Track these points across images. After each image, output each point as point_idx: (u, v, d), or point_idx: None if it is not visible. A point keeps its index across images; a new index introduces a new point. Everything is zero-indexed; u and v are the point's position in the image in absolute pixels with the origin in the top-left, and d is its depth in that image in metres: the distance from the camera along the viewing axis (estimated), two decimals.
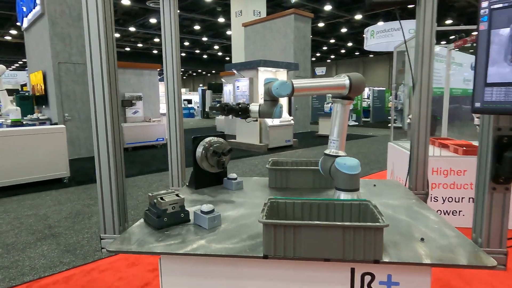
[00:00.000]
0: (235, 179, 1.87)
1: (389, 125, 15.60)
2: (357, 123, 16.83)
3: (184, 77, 45.73)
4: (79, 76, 7.77)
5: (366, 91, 20.72)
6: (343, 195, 1.47)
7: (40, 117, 8.14)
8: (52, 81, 7.45)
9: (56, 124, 6.98)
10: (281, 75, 9.33)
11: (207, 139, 1.84)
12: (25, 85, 16.02)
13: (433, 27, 1.72)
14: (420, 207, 1.51)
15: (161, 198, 1.32)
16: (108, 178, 1.26)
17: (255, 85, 8.69)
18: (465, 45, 3.71)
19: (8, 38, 22.45)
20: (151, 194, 1.38)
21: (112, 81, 1.25)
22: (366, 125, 16.57)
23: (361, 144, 9.91)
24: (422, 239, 1.15)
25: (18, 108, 5.55)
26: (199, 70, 40.65)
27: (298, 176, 1.84)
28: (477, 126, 3.50)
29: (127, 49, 28.52)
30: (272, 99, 1.55)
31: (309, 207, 1.27)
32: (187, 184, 1.93)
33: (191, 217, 1.38)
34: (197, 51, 31.43)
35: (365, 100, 19.70)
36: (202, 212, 1.32)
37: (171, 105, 1.95)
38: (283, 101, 9.42)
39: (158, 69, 10.07)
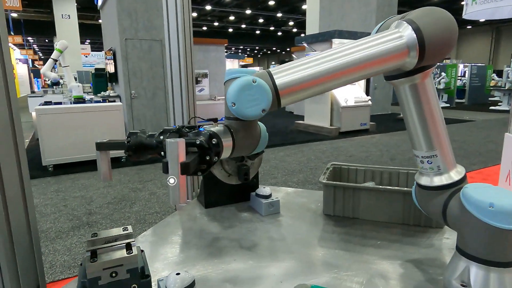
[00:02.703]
0: (269, 196, 1.16)
1: (492, 108, 13.18)
2: (448, 105, 14.55)
3: (259, 56, 45.36)
4: (145, 52, 7.64)
5: (461, 68, 17.87)
6: (477, 271, 0.67)
7: (111, 94, 8.31)
8: (120, 58, 7.43)
9: (114, 101, 6.94)
10: None
11: None
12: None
13: None
14: None
15: (93, 254, 0.68)
16: None
17: None
18: None
19: (101, 21, 24.25)
20: (91, 237, 0.75)
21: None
22: (460, 107, 14.21)
23: (455, 130, 8.29)
24: None
25: (80, 84, 5.51)
26: (274, 48, 39.79)
27: (376, 200, 1.06)
28: None
29: (204, 28, 28.88)
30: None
31: None
32: (198, 197, 1.28)
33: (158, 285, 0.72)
34: (272, 28, 30.55)
35: (460, 78, 16.98)
36: None
37: (176, 83, 1.30)
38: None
39: (225, 44, 9.60)
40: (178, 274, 0.66)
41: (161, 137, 0.75)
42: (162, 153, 0.74)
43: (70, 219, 3.23)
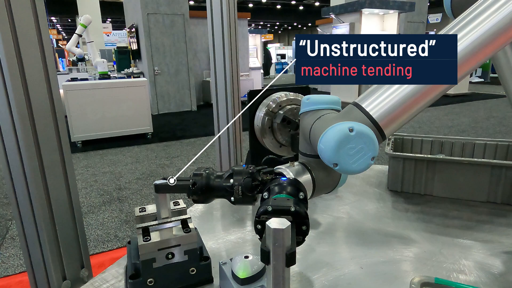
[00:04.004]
0: None
1: None
2: (482, 80, 13.76)
3: (280, 32, 44.25)
4: (167, 27, 7.49)
5: None
6: None
7: (134, 71, 8.27)
8: (143, 33, 7.32)
9: (138, 77, 6.89)
10: (391, 19, 7.65)
11: (275, 96, 1.01)
12: None
13: None
14: None
15: (145, 232, 0.58)
16: (26, 194, 0.55)
17: (357, 32, 7.29)
18: None
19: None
20: (140, 212, 0.65)
21: None
22: (495, 82, 13.40)
23: (492, 106, 7.79)
24: None
25: (105, 60, 5.46)
26: (295, 24, 38.62)
27: (456, 175, 0.91)
28: None
29: None
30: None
31: None
32: None
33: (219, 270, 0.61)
34: (293, 2, 29.53)
35: None
36: (234, 275, 0.54)
37: (218, 51, 1.17)
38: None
39: (248, 18, 9.29)
40: (246, 257, 0.55)
41: (231, 180, 0.60)
42: (232, 198, 0.60)
43: (101, 194, 3.23)
